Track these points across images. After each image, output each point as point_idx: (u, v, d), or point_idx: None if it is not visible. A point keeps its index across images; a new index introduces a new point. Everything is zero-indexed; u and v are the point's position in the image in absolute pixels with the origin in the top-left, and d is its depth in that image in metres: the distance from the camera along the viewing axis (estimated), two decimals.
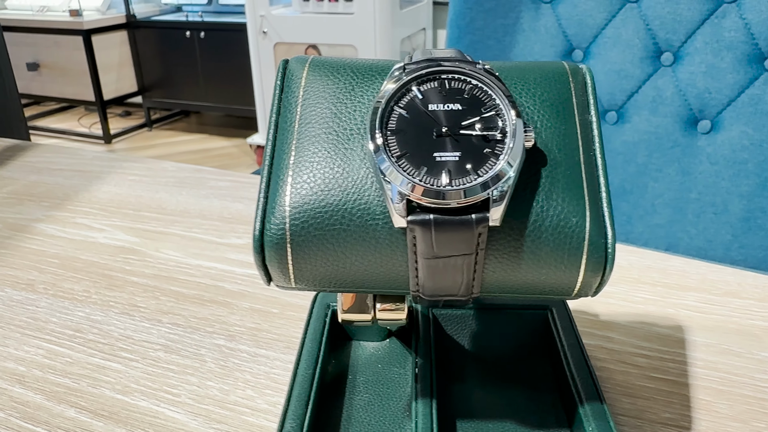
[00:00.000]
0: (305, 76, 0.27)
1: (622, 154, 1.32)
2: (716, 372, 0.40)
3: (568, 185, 0.24)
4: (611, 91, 1.31)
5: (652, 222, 1.34)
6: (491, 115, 0.24)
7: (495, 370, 0.38)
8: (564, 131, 0.25)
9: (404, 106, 0.24)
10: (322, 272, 0.25)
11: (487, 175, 0.23)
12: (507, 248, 0.24)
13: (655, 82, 1.30)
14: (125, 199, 0.67)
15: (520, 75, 0.27)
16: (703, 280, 0.50)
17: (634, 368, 0.41)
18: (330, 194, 0.24)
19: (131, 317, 0.47)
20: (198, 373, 0.41)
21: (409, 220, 0.23)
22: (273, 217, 0.25)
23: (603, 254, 0.24)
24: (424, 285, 0.25)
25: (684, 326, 0.45)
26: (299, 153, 0.26)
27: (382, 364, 0.40)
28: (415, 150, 0.23)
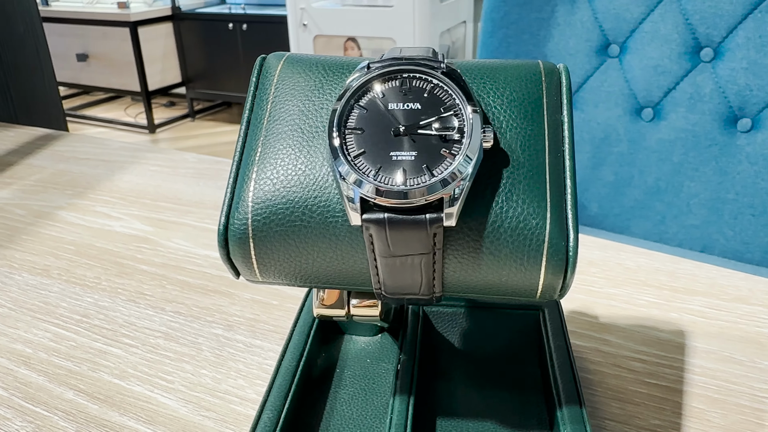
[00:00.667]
0: (278, 73, 0.28)
1: (657, 152, 1.29)
2: (714, 380, 0.39)
3: (529, 187, 0.24)
4: (647, 88, 1.28)
5: (686, 222, 1.31)
6: (449, 115, 0.23)
7: (482, 369, 0.38)
8: (530, 132, 0.25)
9: (364, 104, 0.24)
10: (286, 267, 0.26)
11: (441, 174, 0.23)
12: (466, 249, 0.24)
13: (693, 78, 1.26)
14: (144, 189, 0.68)
15: (490, 75, 0.26)
16: (712, 284, 0.49)
17: (629, 373, 0.40)
18: (291, 191, 0.25)
19: (136, 304, 0.48)
20: (193, 361, 0.42)
21: (364, 219, 0.23)
22: (237, 213, 0.25)
23: (563, 257, 0.24)
24: (385, 283, 0.25)
25: (686, 331, 0.44)
26: (265, 149, 0.26)
27: (371, 359, 0.40)
28: (373, 149, 0.23)
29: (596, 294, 0.48)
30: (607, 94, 1.34)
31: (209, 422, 0.37)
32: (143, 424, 0.37)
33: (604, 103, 1.34)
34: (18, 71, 1.01)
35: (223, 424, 0.37)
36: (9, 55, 1.00)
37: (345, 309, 0.30)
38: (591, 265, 0.52)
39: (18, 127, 0.89)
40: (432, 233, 0.23)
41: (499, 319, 0.41)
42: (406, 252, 0.23)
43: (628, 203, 1.37)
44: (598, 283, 0.49)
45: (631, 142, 1.33)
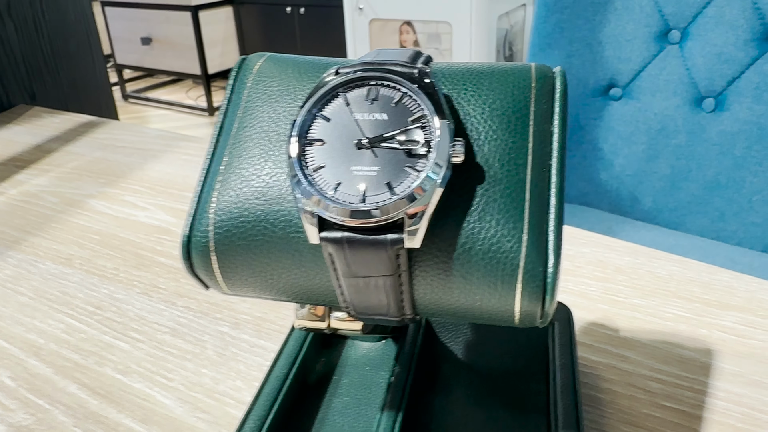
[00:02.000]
0: (253, 76, 0.27)
1: (717, 145, 1.22)
2: (738, 406, 0.36)
3: (505, 205, 0.22)
4: (710, 77, 1.21)
5: (747, 220, 1.24)
6: (416, 127, 0.22)
7: (483, 384, 0.36)
8: (511, 145, 0.23)
9: (327, 113, 0.23)
10: (252, 282, 0.25)
11: (404, 192, 0.21)
12: (435, 271, 0.22)
13: (761, 66, 1.19)
14: (173, 179, 0.69)
15: (474, 81, 0.24)
16: (750, 298, 0.45)
17: (644, 394, 0.37)
18: (254, 203, 0.24)
19: (149, 298, 0.48)
20: (196, 360, 0.42)
21: (322, 237, 0.21)
22: (200, 224, 0.24)
23: (541, 284, 0.22)
24: (352, 302, 0.24)
25: (714, 350, 0.40)
26: (231, 158, 0.25)
27: (371, 366, 0.38)
28: (333, 162, 0.22)
29: (620, 304, 0.45)
30: (666, 83, 1.28)
31: (202, 424, 0.37)
32: (138, 423, 0.37)
33: (661, 93, 1.28)
34: (68, 58, 1.04)
35: (215, 427, 0.37)
36: (59, 41, 1.02)
37: (326, 322, 0.29)
38: (619, 273, 0.49)
39: (63, 113, 0.91)
40: (394, 254, 0.21)
41: (506, 330, 0.39)
42: (369, 273, 0.22)
43: (684, 198, 1.31)
44: (623, 293, 0.46)
45: (690, 133, 1.26)
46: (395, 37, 2.70)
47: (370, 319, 0.25)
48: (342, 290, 0.23)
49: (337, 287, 0.23)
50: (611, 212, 1.37)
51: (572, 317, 0.38)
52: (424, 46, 2.65)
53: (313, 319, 0.29)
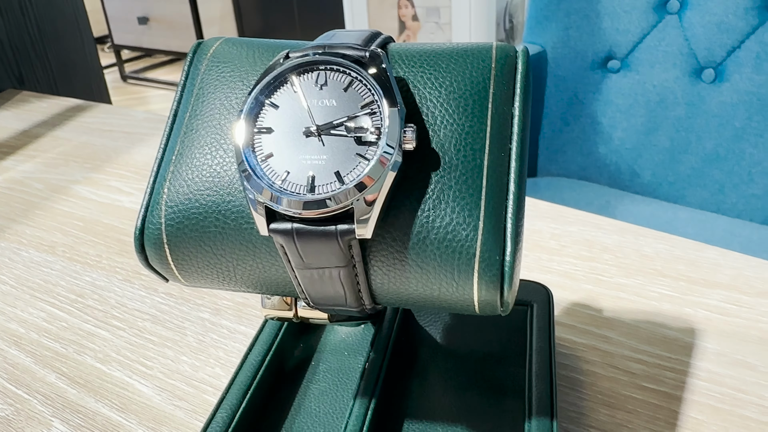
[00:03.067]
0: (207, 61, 0.26)
1: (717, 116, 1.21)
2: (719, 387, 0.36)
3: (460, 192, 0.21)
4: (709, 47, 1.19)
5: (747, 192, 1.22)
6: (365, 113, 0.21)
7: (461, 368, 0.36)
8: (468, 129, 0.22)
9: (276, 100, 0.22)
10: (208, 274, 0.24)
11: (353, 181, 0.20)
12: (391, 261, 0.22)
13: (761, 36, 1.17)
14: None
15: (431, 62, 0.23)
16: (736, 276, 0.44)
17: (625, 375, 0.37)
18: (204, 194, 0.23)
19: (131, 285, 0.48)
20: (176, 347, 0.42)
21: (271, 229, 0.21)
22: (151, 216, 0.24)
23: (498, 272, 0.21)
24: (308, 293, 0.23)
25: (698, 330, 0.40)
26: (183, 147, 0.24)
27: (349, 351, 0.38)
28: (282, 151, 0.21)
29: (605, 284, 0.45)
30: (665, 54, 1.26)
31: (180, 412, 0.37)
32: (116, 412, 0.37)
33: (660, 64, 1.26)
34: (57, 40, 1.03)
35: (193, 415, 0.36)
36: (47, 23, 1.01)
37: (293, 311, 0.28)
38: (605, 252, 0.48)
39: (50, 98, 0.90)
40: (346, 245, 0.21)
41: None
42: (321, 264, 0.21)
43: (684, 171, 1.29)
44: (608, 272, 0.46)
45: (690, 105, 1.24)
46: (394, 12, 2.67)
47: (330, 309, 0.24)
48: (298, 281, 0.23)
49: (293, 278, 0.23)
50: (610, 186, 1.35)
51: (552, 299, 0.37)
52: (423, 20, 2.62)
53: (281, 308, 0.28)
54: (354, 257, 0.21)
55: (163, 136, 0.25)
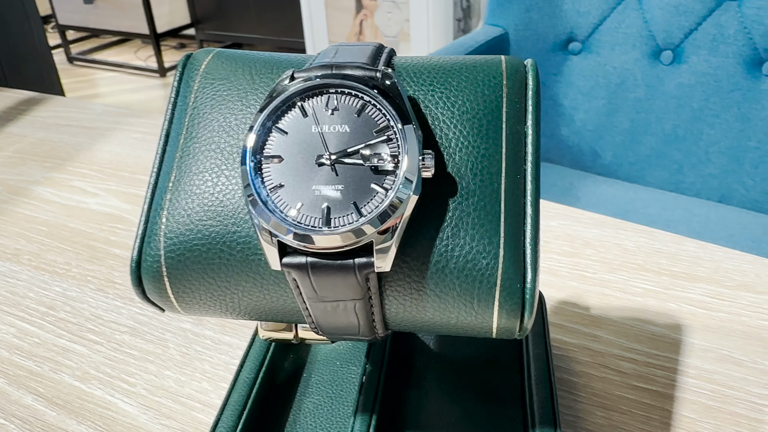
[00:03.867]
0: (200, 76, 0.24)
1: (676, 97, 1.23)
2: (709, 384, 0.36)
3: (480, 219, 0.21)
4: (668, 29, 1.21)
5: (705, 171, 1.26)
6: (382, 140, 0.20)
7: (457, 375, 0.36)
8: (484, 152, 0.21)
9: (284, 126, 0.21)
10: (211, 305, 0.23)
11: (371, 213, 0.19)
12: (408, 291, 0.21)
13: (717, 18, 1.19)
14: (124, 160, 0.66)
15: (442, 80, 0.22)
16: (716, 269, 0.45)
17: (617, 375, 0.37)
18: (207, 224, 0.22)
19: (105, 294, 0.46)
20: (158, 361, 0.40)
21: (284, 264, 0.20)
22: (149, 247, 0.22)
23: (519, 300, 0.21)
24: (320, 324, 0.22)
25: (683, 325, 0.40)
26: (180, 173, 0.23)
27: (341, 361, 0.37)
28: (293, 181, 0.20)
29: (590, 281, 0.45)
30: (625, 36, 1.27)
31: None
32: None
33: (620, 46, 1.27)
34: (5, 32, 0.97)
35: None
36: None
37: (293, 332, 0.27)
38: (587, 246, 0.48)
39: (1, 90, 0.85)
40: (364, 279, 0.20)
41: None
42: (337, 298, 0.20)
43: (644, 151, 1.31)
44: (592, 268, 0.46)
45: (649, 87, 1.26)
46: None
47: (340, 338, 0.23)
48: (309, 312, 0.22)
49: (304, 309, 0.22)
50: (572, 168, 1.37)
51: (545, 302, 0.37)
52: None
53: (279, 329, 0.27)
54: (370, 289, 0.20)
55: (156, 158, 0.24)
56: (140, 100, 3.09)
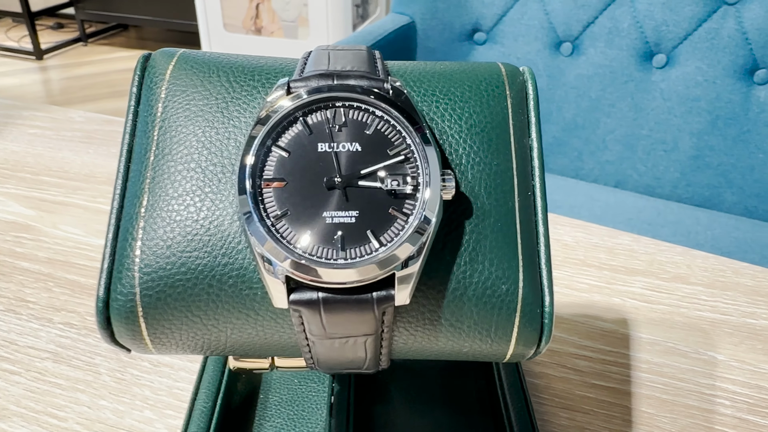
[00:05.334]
0: (167, 83, 0.21)
1: (575, 88, 1.28)
2: (660, 377, 0.37)
3: (497, 242, 0.19)
4: (567, 21, 1.25)
5: (602, 158, 1.32)
6: (400, 160, 0.18)
7: (424, 385, 0.34)
8: (496, 168, 0.20)
9: (286, 145, 0.18)
10: (191, 345, 0.20)
11: (392, 243, 0.17)
12: (421, 321, 0.19)
13: (612, 12, 1.24)
14: (22, 159, 0.59)
15: (444, 90, 0.21)
16: (651, 261, 0.47)
17: (576, 374, 0.38)
18: (193, 256, 0.19)
19: (17, 316, 0.41)
20: (90, 389, 0.36)
21: (292, 301, 0.18)
22: (120, 284, 0.19)
23: (538, 326, 0.20)
24: (320, 360, 0.20)
25: (629, 320, 0.42)
26: (154, 196, 0.20)
27: (299, 378, 0.35)
28: (299, 208, 0.18)
29: None
30: (527, 28, 1.30)
31: None
32: None
33: (523, 37, 1.30)
34: None
35: None
36: None
37: (269, 361, 0.25)
38: None
39: None
40: (381, 313, 0.18)
41: None
42: (347, 334, 0.18)
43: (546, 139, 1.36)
44: None
45: (550, 77, 1.30)
46: None
47: (339, 371, 0.21)
48: (309, 348, 0.20)
49: (304, 346, 0.19)
50: None
51: None
52: None
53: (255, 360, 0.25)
54: (384, 323, 0.19)
55: (117, 178, 0.20)
56: (14, 84, 2.84)
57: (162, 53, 0.22)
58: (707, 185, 1.23)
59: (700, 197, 1.25)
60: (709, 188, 1.24)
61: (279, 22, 2.62)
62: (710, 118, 1.18)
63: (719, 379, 0.38)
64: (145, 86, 0.21)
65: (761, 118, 1.14)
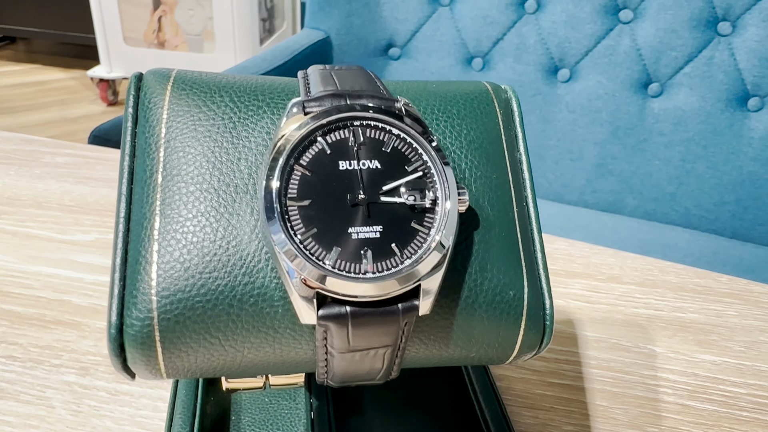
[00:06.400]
0: (167, 104, 0.21)
1: None
2: (609, 372, 0.40)
3: (503, 251, 0.20)
4: (477, 37, 1.30)
5: None
6: (419, 176, 0.19)
7: (396, 395, 0.35)
8: (495, 181, 0.21)
9: (308, 164, 0.19)
10: (204, 367, 0.20)
11: (416, 255, 0.18)
12: (434, 329, 0.20)
13: (519, 29, 1.30)
14: None
15: (441, 107, 0.22)
16: (587, 264, 0.50)
17: (533, 374, 0.40)
18: (212, 276, 0.19)
19: None
20: (44, 425, 0.34)
21: (321, 316, 0.18)
22: (135, 309, 0.19)
23: (541, 328, 0.21)
24: (335, 374, 0.20)
25: (574, 319, 0.44)
26: (167, 218, 0.19)
27: (270, 397, 0.35)
28: (325, 225, 0.18)
29: None
30: (440, 44, 1.35)
31: None
32: None
33: (437, 53, 1.34)
34: None
35: None
36: None
37: (263, 379, 0.25)
38: None
39: None
40: (403, 323, 0.19)
41: None
42: (370, 346, 0.19)
43: None
44: None
45: None
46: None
47: (349, 384, 0.22)
48: (326, 362, 0.20)
49: (322, 360, 0.20)
50: None
51: None
52: None
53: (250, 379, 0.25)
54: (404, 333, 0.19)
55: (120, 201, 0.20)
56: None
57: (154, 74, 0.22)
58: (611, 191, 1.32)
59: (604, 202, 1.33)
60: (613, 194, 1.32)
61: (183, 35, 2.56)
62: (611, 129, 1.26)
63: (660, 369, 0.41)
64: (143, 106, 0.21)
65: (656, 128, 1.23)
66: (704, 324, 0.45)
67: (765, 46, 1.12)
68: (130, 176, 0.20)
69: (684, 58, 1.17)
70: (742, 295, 0.48)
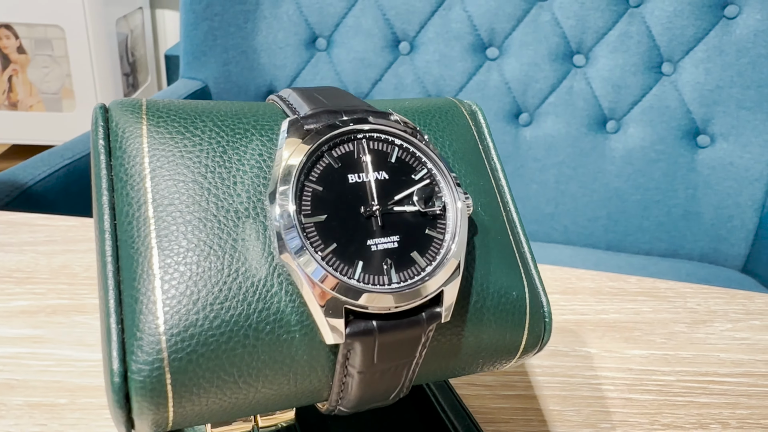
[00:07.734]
0: (146, 133, 0.20)
1: None
2: (555, 377, 0.42)
3: (501, 254, 0.21)
4: (357, 80, 1.34)
5: None
6: (426, 184, 0.19)
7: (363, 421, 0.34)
8: (482, 188, 0.22)
9: (319, 180, 0.18)
10: (215, 409, 0.19)
11: (436, 261, 0.18)
12: (447, 336, 0.20)
13: (396, 69, 1.35)
14: None
15: (422, 121, 0.22)
16: None
17: (486, 389, 0.40)
18: (225, 306, 0.18)
19: None
20: None
21: (349, 333, 0.17)
22: (141, 352, 0.17)
23: (542, 325, 0.22)
24: (350, 398, 0.20)
25: None
26: (165, 251, 0.18)
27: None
28: (343, 239, 0.18)
29: None
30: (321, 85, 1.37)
31: None
32: None
33: None
34: None
35: None
36: None
37: (251, 422, 0.23)
38: None
39: None
40: (427, 332, 0.18)
41: None
42: (393, 360, 0.18)
43: None
44: None
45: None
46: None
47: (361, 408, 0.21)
48: (343, 386, 0.19)
49: (338, 384, 0.19)
50: None
51: None
52: (32, 52, 2.33)
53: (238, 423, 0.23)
54: (423, 344, 0.19)
55: (105, 240, 0.18)
56: None
57: (121, 104, 0.20)
58: None
59: None
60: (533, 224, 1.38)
61: (38, 95, 2.41)
62: None
63: (598, 369, 0.43)
64: (115, 138, 0.19)
65: (530, 154, 1.31)
66: (626, 322, 0.48)
67: (615, 74, 1.23)
68: (112, 212, 0.19)
69: (548, 88, 1.27)
70: (651, 292, 0.52)
